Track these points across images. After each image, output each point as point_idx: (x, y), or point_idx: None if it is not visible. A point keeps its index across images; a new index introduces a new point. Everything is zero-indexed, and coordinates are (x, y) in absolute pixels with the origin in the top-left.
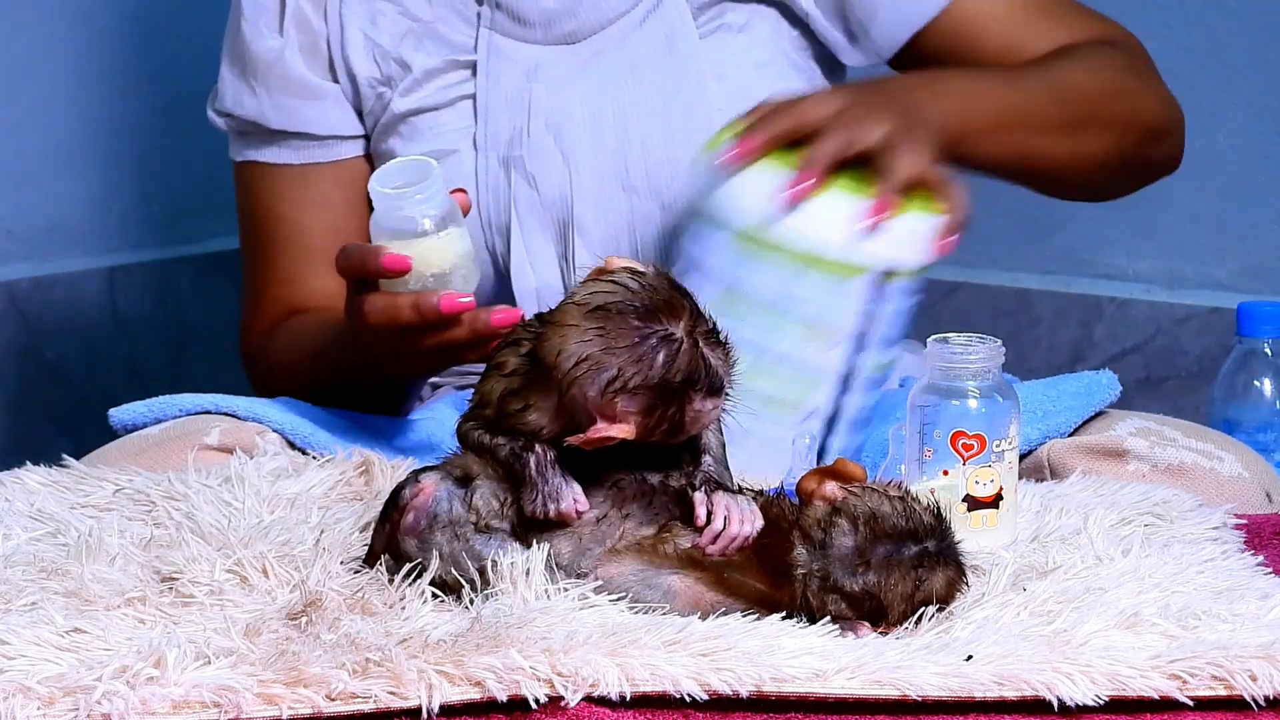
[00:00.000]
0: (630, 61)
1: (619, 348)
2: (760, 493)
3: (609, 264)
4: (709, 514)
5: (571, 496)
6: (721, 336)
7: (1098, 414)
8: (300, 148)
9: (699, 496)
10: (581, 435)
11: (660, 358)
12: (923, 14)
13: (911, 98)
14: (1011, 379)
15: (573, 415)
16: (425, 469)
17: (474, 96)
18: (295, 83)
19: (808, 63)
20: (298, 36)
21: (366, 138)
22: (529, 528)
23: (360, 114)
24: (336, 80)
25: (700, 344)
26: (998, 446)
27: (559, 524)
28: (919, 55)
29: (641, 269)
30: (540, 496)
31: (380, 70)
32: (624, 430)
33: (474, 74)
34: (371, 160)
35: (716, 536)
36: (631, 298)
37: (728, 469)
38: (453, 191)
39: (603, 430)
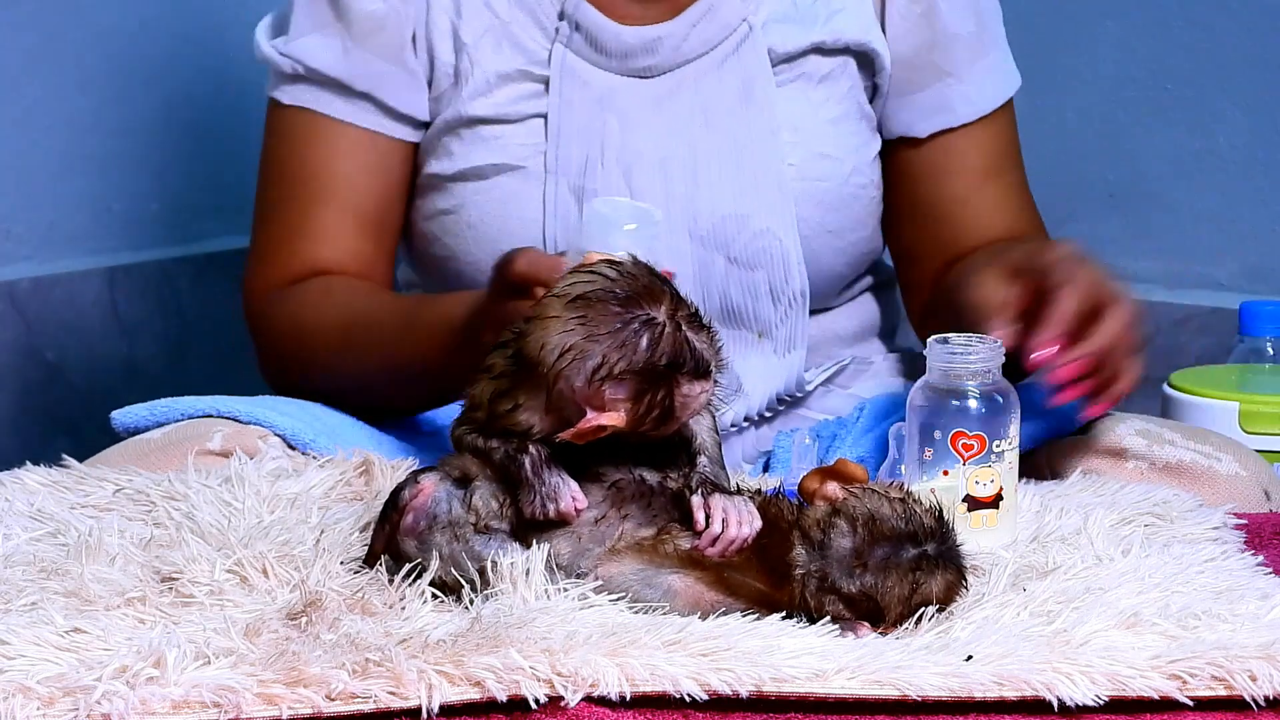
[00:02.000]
0: (704, 105)
1: (601, 334)
2: (759, 492)
3: (587, 259)
4: (707, 517)
5: (569, 494)
6: (704, 320)
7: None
8: (375, 114)
9: (696, 500)
10: (573, 428)
11: (644, 341)
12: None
13: None
14: None
15: (562, 410)
16: (424, 470)
17: (546, 116)
18: (394, 51)
19: (870, 111)
20: (401, 6)
21: (426, 125)
22: (528, 528)
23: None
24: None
25: (683, 327)
26: (997, 447)
27: (558, 524)
28: (912, 153)
29: (619, 259)
30: (538, 497)
31: (456, 61)
32: (614, 419)
33: (546, 89)
34: (416, 148)
35: (715, 539)
36: (611, 285)
37: (724, 468)
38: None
39: (593, 420)
